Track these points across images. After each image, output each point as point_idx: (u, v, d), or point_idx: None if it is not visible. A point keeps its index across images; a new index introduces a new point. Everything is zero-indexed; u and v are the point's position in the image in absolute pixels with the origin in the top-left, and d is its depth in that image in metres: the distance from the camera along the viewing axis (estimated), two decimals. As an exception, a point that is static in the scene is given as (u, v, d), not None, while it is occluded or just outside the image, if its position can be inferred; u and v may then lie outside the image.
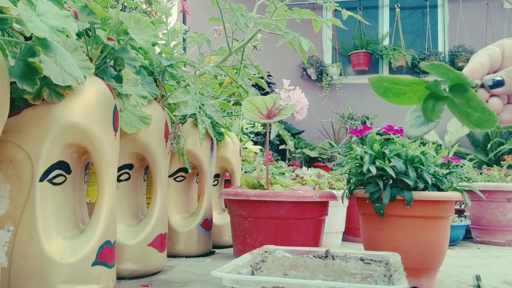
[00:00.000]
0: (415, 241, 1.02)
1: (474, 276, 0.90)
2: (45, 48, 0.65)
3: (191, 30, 1.59)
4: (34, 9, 0.62)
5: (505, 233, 2.02)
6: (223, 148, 1.70)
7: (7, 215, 0.79)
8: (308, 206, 1.21)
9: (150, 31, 0.94)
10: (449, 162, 1.11)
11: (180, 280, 1.10)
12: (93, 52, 0.94)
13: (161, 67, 1.23)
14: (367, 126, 1.14)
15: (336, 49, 5.37)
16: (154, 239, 1.13)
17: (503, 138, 4.34)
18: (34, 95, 0.79)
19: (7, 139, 0.80)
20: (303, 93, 1.39)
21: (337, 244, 1.80)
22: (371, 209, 1.06)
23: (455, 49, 4.98)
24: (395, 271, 0.75)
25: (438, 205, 1.03)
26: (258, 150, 2.37)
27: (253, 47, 1.42)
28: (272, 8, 1.31)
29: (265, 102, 1.27)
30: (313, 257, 0.90)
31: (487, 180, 2.19)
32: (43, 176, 0.81)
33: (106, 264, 0.88)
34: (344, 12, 1.34)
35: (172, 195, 1.47)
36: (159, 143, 1.16)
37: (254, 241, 1.21)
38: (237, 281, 0.66)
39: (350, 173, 1.14)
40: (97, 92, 0.87)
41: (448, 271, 1.31)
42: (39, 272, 0.78)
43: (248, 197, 1.21)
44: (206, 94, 1.35)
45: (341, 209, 1.79)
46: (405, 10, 5.37)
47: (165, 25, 1.32)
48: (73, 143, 0.85)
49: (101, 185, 0.89)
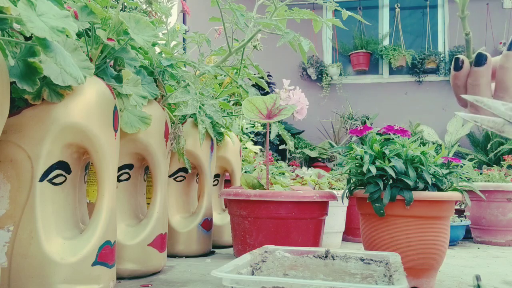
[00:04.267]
0: (415, 241, 1.02)
1: (474, 276, 0.90)
2: (45, 48, 0.65)
3: (191, 30, 1.59)
4: (34, 9, 0.62)
5: (505, 233, 2.02)
6: (223, 148, 1.70)
7: (7, 215, 0.79)
8: (308, 206, 1.21)
9: (150, 31, 0.94)
10: (449, 162, 1.11)
11: (180, 280, 1.10)
12: (93, 52, 0.94)
13: (161, 67, 1.23)
14: (367, 126, 1.14)
15: (336, 49, 5.37)
16: (154, 239, 1.13)
17: (503, 138, 4.34)
18: (34, 95, 0.79)
19: (7, 139, 0.80)
20: (303, 93, 1.39)
21: (337, 244, 1.80)
22: (371, 209, 1.06)
23: (455, 49, 4.97)
24: (395, 271, 0.75)
25: (438, 205, 1.03)
26: (258, 150, 2.37)
27: (253, 47, 1.42)
28: (272, 8, 1.31)
29: (265, 102, 1.27)
30: (313, 257, 0.90)
31: (487, 180, 2.19)
32: (43, 176, 0.81)
33: (106, 264, 0.88)
34: (344, 12, 1.34)
35: (172, 195, 1.47)
36: (159, 143, 1.16)
37: (254, 241, 1.21)
38: (237, 281, 0.66)
39: (350, 173, 1.14)
40: (97, 92, 0.87)
41: (448, 271, 1.31)
42: (39, 272, 0.78)
43: (248, 197, 1.21)
44: (206, 94, 1.35)
45: (341, 209, 1.79)
46: (405, 10, 5.37)
47: (165, 25, 1.32)
48: (73, 143, 0.85)
49: (101, 185, 0.89)
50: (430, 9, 5.22)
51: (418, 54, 5.04)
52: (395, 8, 5.21)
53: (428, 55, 4.96)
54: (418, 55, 5.02)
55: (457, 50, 4.92)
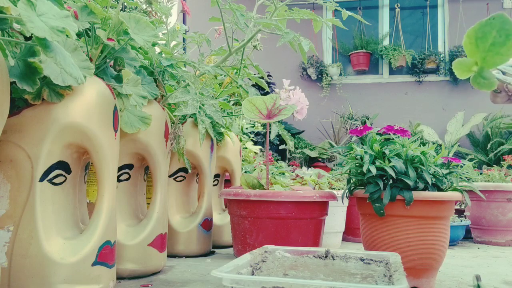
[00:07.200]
0: (415, 241, 1.02)
1: (474, 276, 0.90)
2: (45, 48, 0.65)
3: (191, 30, 1.59)
4: (34, 9, 0.62)
5: (505, 233, 2.02)
6: (223, 148, 1.70)
7: (7, 215, 0.79)
8: (308, 206, 1.21)
9: (150, 31, 0.94)
10: (449, 162, 1.11)
11: (180, 280, 1.10)
12: (93, 52, 0.94)
13: (161, 67, 1.23)
14: (367, 126, 1.14)
15: (336, 49, 5.37)
16: (154, 239, 1.13)
17: (503, 138, 4.34)
18: (34, 95, 0.79)
19: (7, 139, 0.80)
20: (303, 93, 1.39)
21: (337, 244, 1.80)
22: (371, 209, 1.06)
23: (455, 49, 4.97)
24: (395, 271, 0.75)
25: (438, 205, 1.03)
26: (258, 150, 2.37)
27: (253, 47, 1.42)
28: (272, 8, 1.31)
29: (265, 102, 1.27)
30: (313, 257, 0.90)
31: (487, 180, 2.19)
32: (43, 176, 0.81)
33: (106, 264, 0.88)
34: (344, 12, 1.34)
35: (172, 195, 1.47)
36: (159, 143, 1.16)
37: (254, 241, 1.21)
38: (237, 281, 0.66)
39: (350, 173, 1.14)
40: (97, 92, 0.87)
41: (448, 271, 1.31)
42: (39, 272, 0.78)
43: (248, 197, 1.21)
44: (206, 94, 1.35)
45: (341, 209, 1.79)
46: (405, 10, 5.36)
47: (165, 25, 1.32)
48: (73, 143, 0.85)
49: (101, 185, 0.89)
50: (430, 9, 5.21)
51: (418, 54, 5.04)
52: (395, 8, 5.21)
53: (428, 55, 4.96)
54: (418, 55, 5.01)
55: (457, 50, 4.92)
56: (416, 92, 5.09)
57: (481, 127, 4.59)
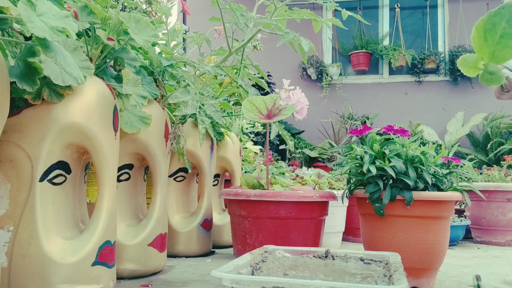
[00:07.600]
0: (415, 241, 1.02)
1: (474, 276, 0.90)
2: (45, 48, 0.65)
3: (191, 30, 1.59)
4: (34, 9, 0.62)
5: (505, 233, 2.02)
6: (223, 148, 1.70)
7: (7, 215, 0.79)
8: (308, 206, 1.21)
9: (150, 31, 0.94)
10: (449, 162, 1.11)
11: (180, 280, 1.10)
12: (93, 52, 0.94)
13: (161, 67, 1.23)
14: (367, 126, 1.14)
15: (336, 49, 5.37)
16: (154, 239, 1.13)
17: (503, 138, 4.34)
18: (34, 95, 0.79)
19: (7, 139, 0.80)
20: (303, 93, 1.39)
21: (337, 244, 1.80)
22: (371, 209, 1.06)
23: (455, 49, 4.97)
24: (395, 271, 0.75)
25: (438, 205, 1.03)
26: (258, 150, 2.37)
27: (253, 47, 1.42)
28: (272, 8, 1.31)
29: (265, 102, 1.27)
30: (313, 257, 0.90)
31: (487, 180, 2.19)
32: (43, 176, 0.81)
33: (106, 264, 0.88)
34: (344, 12, 1.34)
35: (172, 195, 1.47)
36: (159, 143, 1.16)
37: (254, 241, 1.21)
38: (237, 281, 0.66)
39: (350, 173, 1.14)
40: (97, 92, 0.87)
41: (448, 271, 1.31)
42: (39, 272, 0.78)
43: (248, 197, 1.21)
44: (206, 94, 1.35)
45: (341, 209, 1.79)
46: (405, 10, 5.36)
47: (165, 25, 1.32)
48: (73, 143, 0.85)
49: (101, 185, 0.89)
50: (430, 9, 5.21)
51: (418, 54, 5.04)
52: (395, 8, 5.21)
53: (428, 55, 4.96)
54: (418, 55, 5.01)
55: (457, 50, 4.92)
56: (416, 92, 5.09)
57: (481, 127, 4.59)
